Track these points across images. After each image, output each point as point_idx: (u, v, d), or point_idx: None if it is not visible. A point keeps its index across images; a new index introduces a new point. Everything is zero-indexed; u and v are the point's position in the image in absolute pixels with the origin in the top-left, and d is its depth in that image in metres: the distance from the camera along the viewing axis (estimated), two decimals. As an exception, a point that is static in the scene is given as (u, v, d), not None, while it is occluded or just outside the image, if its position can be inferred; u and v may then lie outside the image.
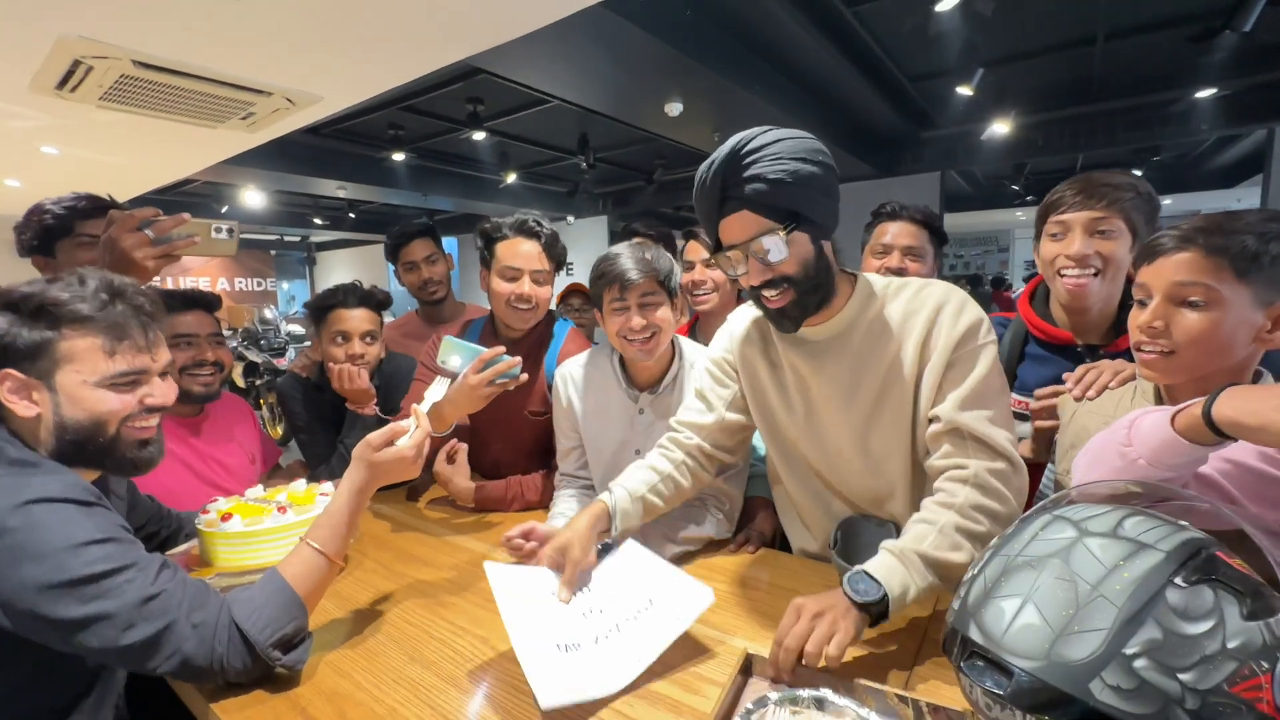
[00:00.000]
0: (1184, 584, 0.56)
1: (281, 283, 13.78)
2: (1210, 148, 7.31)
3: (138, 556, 0.78)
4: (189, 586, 0.80)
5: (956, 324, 0.93)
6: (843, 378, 1.00)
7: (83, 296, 0.82)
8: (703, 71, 3.62)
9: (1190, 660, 0.53)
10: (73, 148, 3.30)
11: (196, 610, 0.78)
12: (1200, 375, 0.83)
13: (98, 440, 0.85)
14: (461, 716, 0.78)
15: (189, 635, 0.76)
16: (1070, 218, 1.11)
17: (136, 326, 0.86)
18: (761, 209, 0.88)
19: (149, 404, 0.88)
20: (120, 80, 2.30)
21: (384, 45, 2.26)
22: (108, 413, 0.84)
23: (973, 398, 0.91)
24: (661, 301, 1.25)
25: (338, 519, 0.93)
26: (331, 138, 5.97)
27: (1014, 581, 0.63)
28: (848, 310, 0.99)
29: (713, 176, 0.89)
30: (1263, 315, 0.79)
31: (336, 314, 1.59)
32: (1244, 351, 0.81)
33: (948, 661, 0.83)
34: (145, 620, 0.74)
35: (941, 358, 0.93)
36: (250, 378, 6.56)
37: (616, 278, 1.23)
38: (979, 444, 0.89)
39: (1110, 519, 0.64)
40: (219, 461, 1.51)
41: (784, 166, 0.86)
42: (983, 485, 0.87)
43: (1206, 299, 0.79)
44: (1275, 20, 3.38)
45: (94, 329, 0.83)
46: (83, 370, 0.82)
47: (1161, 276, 0.82)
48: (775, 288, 0.92)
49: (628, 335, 1.24)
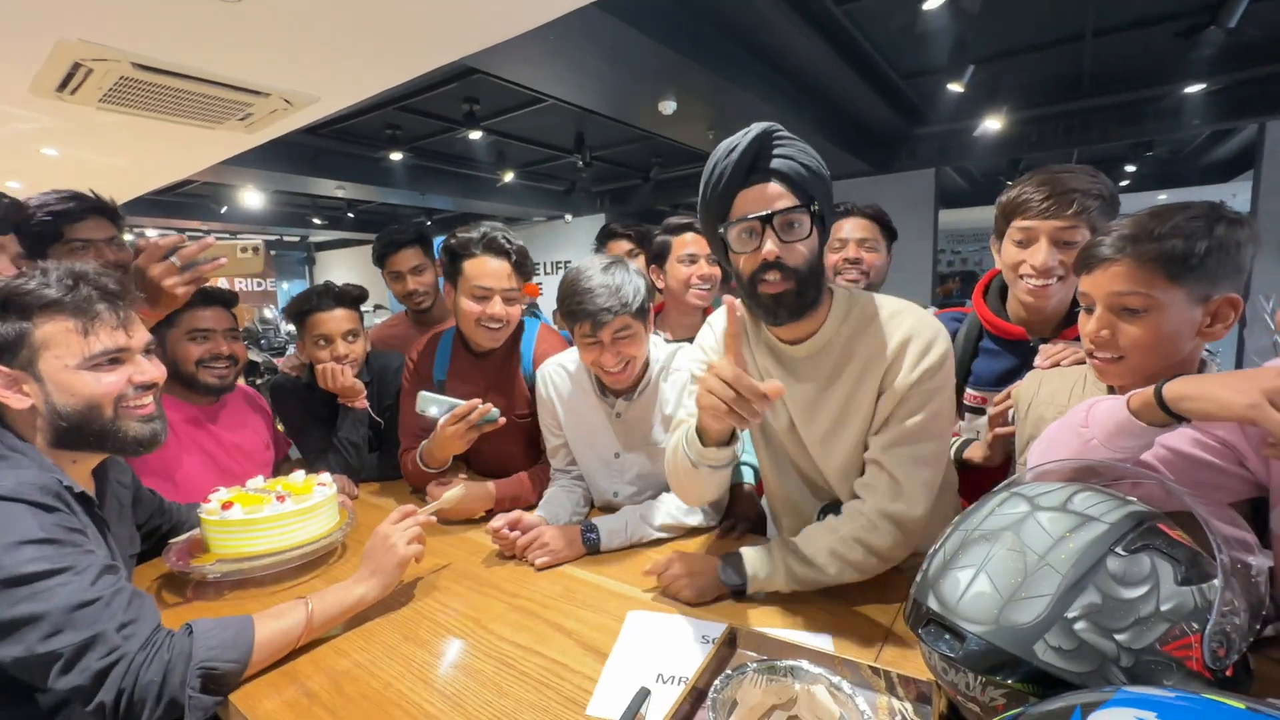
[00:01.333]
0: (1124, 552, 0.60)
1: (281, 283, 13.80)
2: (1204, 143, 7.34)
3: (76, 560, 0.75)
4: (125, 594, 0.77)
5: (919, 364, 0.94)
6: (809, 395, 1.02)
7: (46, 283, 0.84)
8: (696, 70, 3.65)
9: (1126, 622, 0.57)
10: (73, 149, 3.34)
11: (131, 623, 0.75)
12: (1149, 374, 0.85)
13: (96, 424, 0.86)
14: (452, 690, 0.82)
15: (118, 645, 0.72)
16: (1036, 225, 1.10)
17: (105, 307, 0.88)
18: (789, 185, 0.90)
19: (138, 381, 0.90)
20: (120, 82, 2.33)
21: (381, 46, 2.28)
22: (98, 394, 0.86)
23: (907, 436, 0.95)
24: (635, 332, 1.23)
25: (344, 604, 0.95)
26: (329, 138, 5.99)
27: (970, 553, 0.67)
28: (824, 330, 0.99)
29: (748, 144, 0.89)
30: (1200, 311, 0.83)
31: (315, 318, 1.62)
32: (1189, 346, 0.85)
33: (911, 640, 0.88)
34: (72, 628, 0.71)
35: (897, 393, 0.95)
36: (251, 377, 6.59)
37: (588, 316, 1.19)
38: (891, 483, 0.95)
39: (1061, 494, 0.68)
40: (237, 447, 1.55)
41: (810, 157, 0.92)
42: (873, 524, 0.95)
43: (1145, 306, 0.82)
44: (1260, 16, 3.41)
45: (64, 311, 0.84)
46: (62, 354, 0.84)
47: (1100, 287, 0.86)
48: (780, 270, 0.91)
49: (602, 368, 1.26)
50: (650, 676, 0.82)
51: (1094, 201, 1.08)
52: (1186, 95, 4.91)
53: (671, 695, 0.77)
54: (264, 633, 0.85)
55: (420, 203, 7.99)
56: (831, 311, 1.00)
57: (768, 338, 1.05)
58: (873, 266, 1.71)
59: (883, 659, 0.85)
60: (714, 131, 5.03)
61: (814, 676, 0.75)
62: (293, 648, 0.89)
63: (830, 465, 1.04)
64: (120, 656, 0.72)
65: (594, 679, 0.82)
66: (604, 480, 1.41)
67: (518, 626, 0.96)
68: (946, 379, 0.96)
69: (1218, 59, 4.30)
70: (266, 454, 1.62)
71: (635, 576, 1.11)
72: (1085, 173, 1.10)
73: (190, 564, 1.10)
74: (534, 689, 0.81)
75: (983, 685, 0.61)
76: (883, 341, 0.96)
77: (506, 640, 0.92)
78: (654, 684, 0.80)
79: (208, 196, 8.38)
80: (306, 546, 1.15)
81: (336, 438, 1.63)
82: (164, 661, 0.74)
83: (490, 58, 3.34)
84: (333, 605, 0.94)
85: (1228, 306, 0.83)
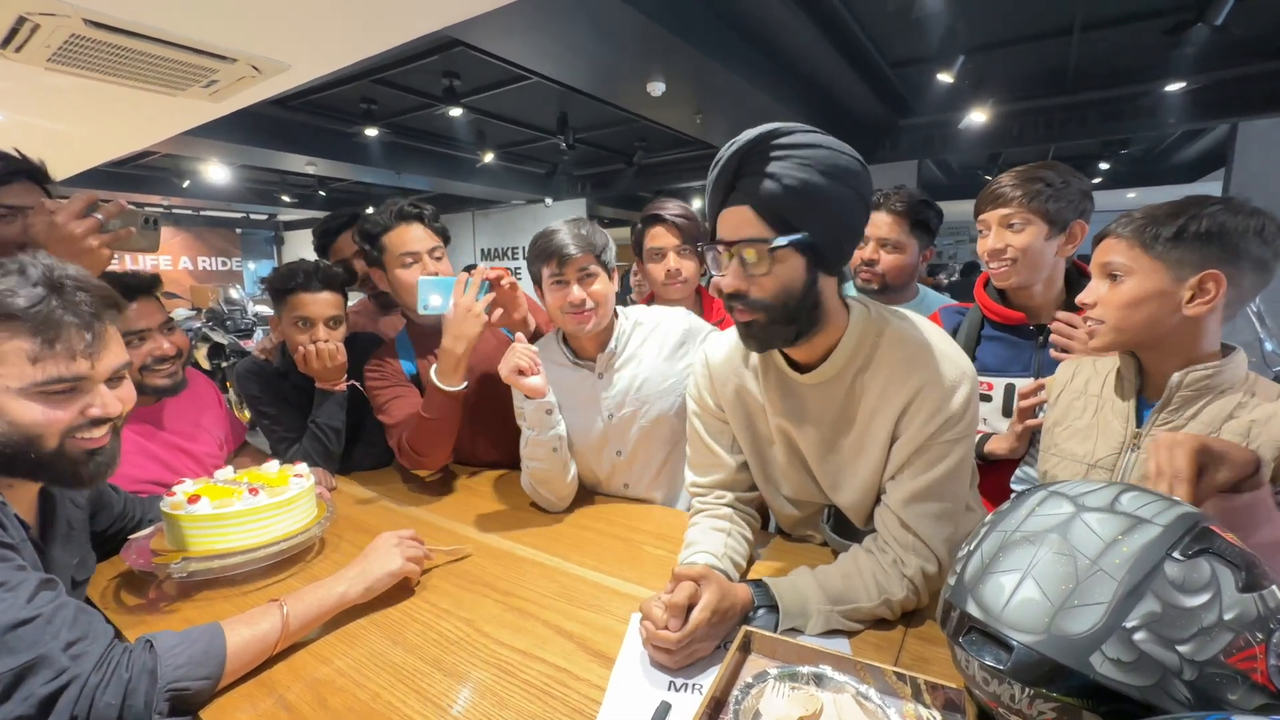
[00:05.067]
0: (1181, 557, 0.56)
1: (248, 262, 13.32)
2: (1175, 142, 7.50)
3: (7, 575, 0.67)
4: (69, 609, 0.69)
5: (940, 412, 0.86)
6: (819, 434, 0.96)
7: (12, 290, 0.72)
8: (686, 50, 3.56)
9: (1188, 632, 0.53)
10: (19, 114, 3.10)
11: (79, 641, 0.67)
12: (1130, 339, 0.93)
13: (31, 455, 0.75)
14: (447, 700, 0.75)
15: (66, 666, 0.64)
16: (986, 216, 1.27)
17: (73, 328, 0.76)
18: (764, 211, 0.80)
19: (92, 415, 0.79)
20: (70, 40, 2.15)
21: (358, 11, 2.15)
22: (36, 424, 0.74)
23: (929, 492, 0.88)
24: (598, 275, 1.28)
25: (324, 605, 0.88)
26: (300, 111, 5.73)
27: (1012, 556, 0.63)
28: (835, 358, 0.91)
29: (729, 159, 0.81)
30: (1183, 286, 0.87)
31: (298, 298, 1.49)
32: (1171, 319, 0.88)
33: (931, 639, 0.84)
34: (8, 651, 0.62)
35: (913, 441, 0.88)
36: (216, 360, 6.34)
37: (554, 252, 1.24)
38: (917, 542, 0.89)
39: (1106, 494, 0.65)
40: (185, 451, 1.44)
41: (805, 175, 0.78)
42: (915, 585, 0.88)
43: (1122, 271, 0.91)
44: (1245, 14, 3.45)
45: (20, 328, 0.72)
46: (5, 375, 0.72)
47: (1097, 257, 0.96)
48: (743, 302, 0.85)
49: (567, 309, 1.26)
50: (662, 684, 0.77)
51: (1035, 185, 1.20)
52: (1166, 93, 4.99)
53: (687, 704, 0.72)
54: (235, 642, 0.77)
55: (396, 182, 7.73)
56: (845, 336, 0.91)
57: (777, 361, 0.97)
58: (890, 270, 1.61)
59: (902, 662, 0.81)
60: (700, 115, 4.95)
61: (839, 685, 0.71)
62: (268, 655, 0.81)
63: (842, 500, 0.99)
64: (70, 679, 0.64)
65: (601, 687, 0.77)
66: (603, 444, 1.37)
67: (515, 629, 0.90)
68: (968, 429, 0.89)
69: (1199, 57, 4.37)
70: (220, 455, 1.52)
71: (638, 573, 1.05)
72: (1037, 169, 1.22)
73: (154, 562, 1.01)
74: (537, 699, 0.75)
75: (1030, 698, 0.57)
76: (900, 381, 0.88)
77: (504, 645, 0.86)
78: (666, 692, 0.75)
79: (169, 170, 7.99)
80: (282, 543, 1.06)
81: (314, 423, 1.54)
82: (123, 681, 0.66)
83: (474, 28, 3.20)
84: (311, 606, 0.87)
85: (1209, 280, 0.85)
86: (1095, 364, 1.05)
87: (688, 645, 0.77)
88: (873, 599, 0.86)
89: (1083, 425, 1.00)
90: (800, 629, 0.85)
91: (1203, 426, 0.87)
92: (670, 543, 1.15)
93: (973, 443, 0.92)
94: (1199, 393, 0.88)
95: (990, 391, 1.31)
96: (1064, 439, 1.02)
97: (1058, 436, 1.03)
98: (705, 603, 0.79)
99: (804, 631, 0.85)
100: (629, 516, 1.32)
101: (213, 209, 11.21)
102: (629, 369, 1.35)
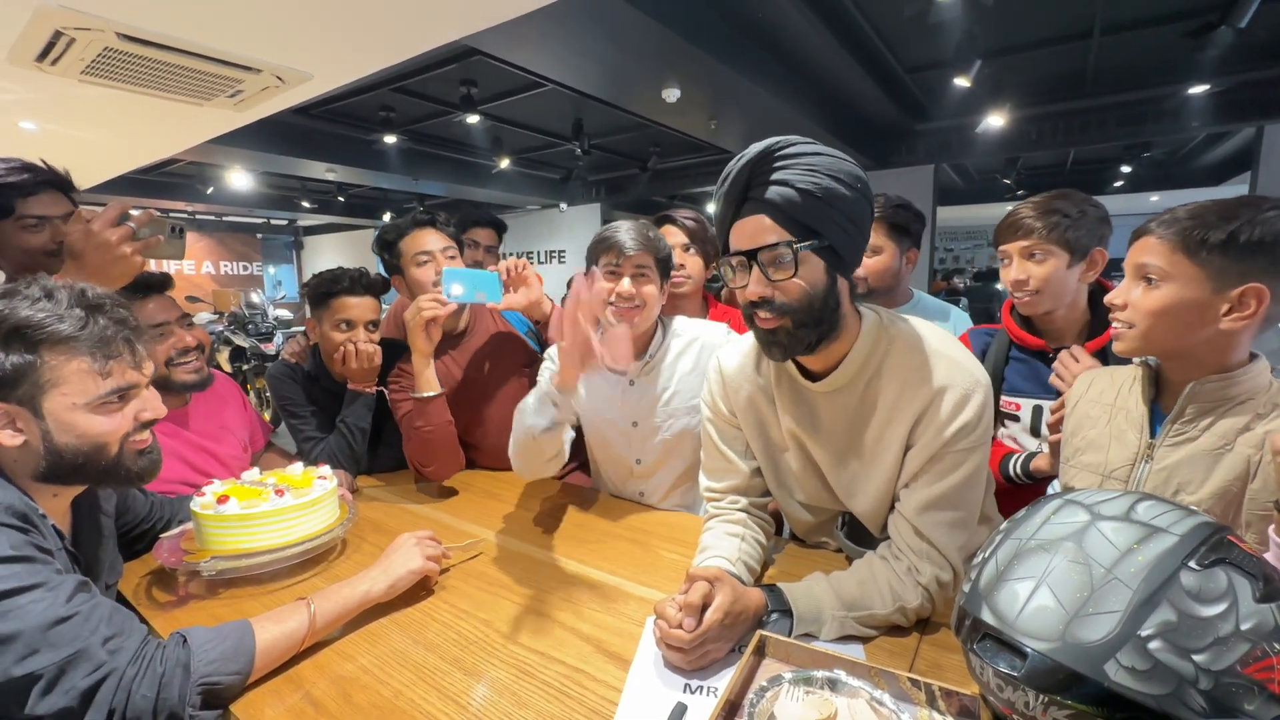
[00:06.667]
0: (1198, 567, 0.57)
1: (268, 267, 13.56)
2: (1199, 145, 7.38)
3: (48, 576, 0.70)
4: (104, 608, 0.72)
5: (953, 420, 0.86)
6: (832, 442, 0.97)
7: (58, 315, 0.77)
8: (701, 57, 3.58)
9: (1204, 642, 0.53)
10: (53, 124, 3.20)
11: (116, 636, 0.70)
12: (1158, 346, 0.89)
13: (101, 462, 0.82)
14: (467, 698, 0.77)
15: (104, 660, 0.67)
16: (1007, 247, 1.29)
17: (123, 342, 0.82)
18: (781, 218, 0.82)
19: (143, 419, 0.86)
20: (103, 53, 2.22)
21: (378, 23, 2.20)
22: (103, 434, 0.81)
23: (944, 501, 0.88)
24: (653, 278, 1.31)
25: (348, 603, 0.91)
26: (321, 119, 5.85)
27: (1027, 564, 0.63)
28: (847, 365, 0.92)
29: (738, 171, 0.83)
30: (1220, 298, 0.82)
31: (341, 301, 1.56)
32: (1205, 330, 0.83)
33: (946, 646, 0.85)
34: (50, 646, 0.65)
35: (927, 449, 0.88)
36: (237, 363, 6.47)
37: (616, 244, 1.28)
38: (932, 550, 0.89)
39: (1122, 503, 0.65)
40: (210, 453, 1.47)
41: (816, 180, 0.80)
42: (930, 593, 0.88)
43: (1159, 276, 0.85)
44: (1271, 16, 3.40)
45: (79, 349, 0.78)
46: (71, 393, 0.78)
47: (1131, 257, 0.91)
48: (770, 309, 0.85)
49: (615, 300, 1.27)
50: (677, 686, 0.78)
51: (1052, 217, 1.21)
52: (1188, 96, 4.91)
53: (702, 706, 0.73)
54: (265, 639, 0.80)
55: (413, 188, 7.84)
56: (858, 343, 0.91)
57: (790, 369, 0.98)
58: (872, 273, 1.68)
59: (917, 668, 0.82)
60: (715, 121, 4.96)
61: (853, 689, 0.72)
62: (295, 652, 0.84)
63: (857, 508, 0.99)
64: (109, 672, 0.67)
65: (617, 688, 0.78)
66: (624, 450, 1.39)
67: (533, 630, 0.92)
68: (983, 438, 0.89)
69: (1223, 60, 4.29)
70: (245, 456, 1.57)
71: (654, 577, 1.07)
72: (1056, 196, 1.24)
73: (184, 560, 1.04)
74: (555, 699, 0.76)
75: (1044, 705, 0.58)
76: (913, 389, 0.88)
77: (522, 645, 0.88)
78: (682, 695, 0.76)
79: (193, 177, 8.18)
80: (307, 543, 1.09)
81: (344, 422, 1.58)
82: (157, 675, 0.69)
83: (491, 37, 3.24)
84: (337, 604, 0.89)
85: (1251, 295, 0.80)
86: (1112, 373, 1.04)
87: (701, 646, 0.78)
88: (887, 606, 0.87)
89: (1096, 434, 0.99)
90: (814, 634, 0.86)
91: (1217, 439, 0.84)
92: (685, 547, 1.17)
93: (987, 451, 0.92)
94: (1215, 404, 0.86)
95: (1019, 412, 1.33)
96: (1080, 449, 1.01)
97: (1075, 446, 1.03)
98: (719, 604, 0.80)
99: (818, 637, 0.86)
100: (644, 521, 1.34)
101: (234, 214, 11.43)
102: (660, 380, 1.35)
